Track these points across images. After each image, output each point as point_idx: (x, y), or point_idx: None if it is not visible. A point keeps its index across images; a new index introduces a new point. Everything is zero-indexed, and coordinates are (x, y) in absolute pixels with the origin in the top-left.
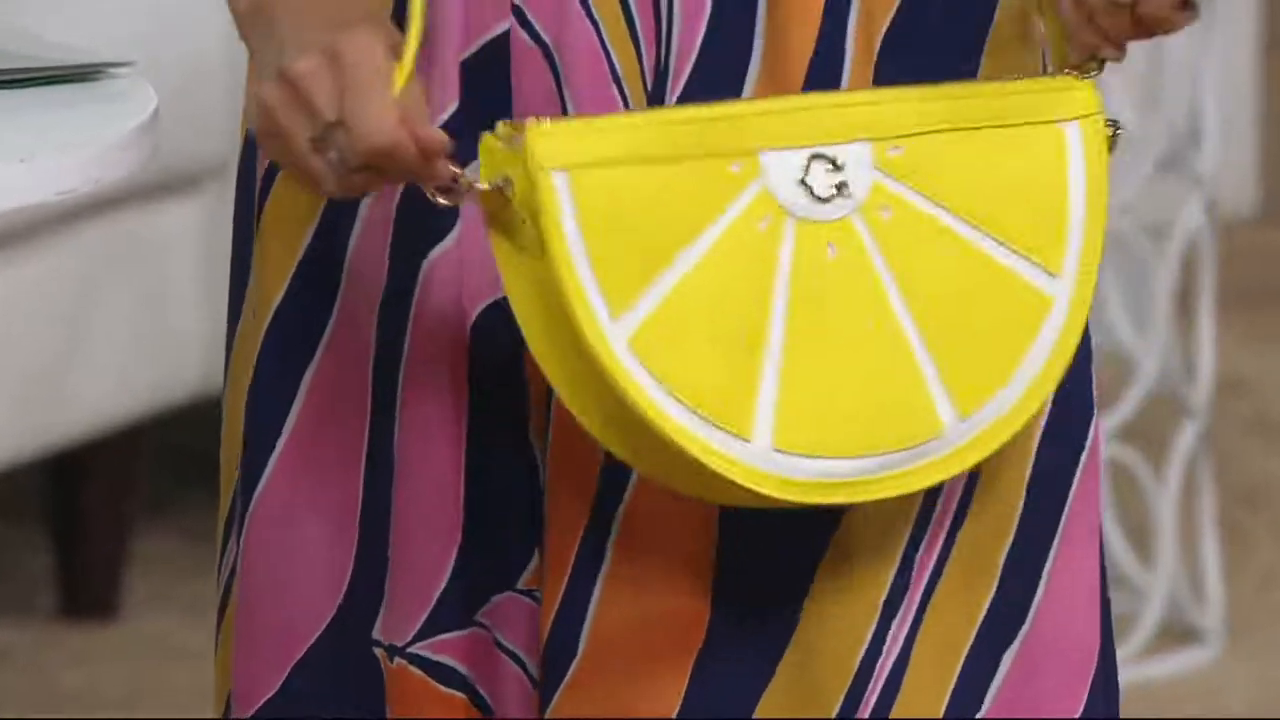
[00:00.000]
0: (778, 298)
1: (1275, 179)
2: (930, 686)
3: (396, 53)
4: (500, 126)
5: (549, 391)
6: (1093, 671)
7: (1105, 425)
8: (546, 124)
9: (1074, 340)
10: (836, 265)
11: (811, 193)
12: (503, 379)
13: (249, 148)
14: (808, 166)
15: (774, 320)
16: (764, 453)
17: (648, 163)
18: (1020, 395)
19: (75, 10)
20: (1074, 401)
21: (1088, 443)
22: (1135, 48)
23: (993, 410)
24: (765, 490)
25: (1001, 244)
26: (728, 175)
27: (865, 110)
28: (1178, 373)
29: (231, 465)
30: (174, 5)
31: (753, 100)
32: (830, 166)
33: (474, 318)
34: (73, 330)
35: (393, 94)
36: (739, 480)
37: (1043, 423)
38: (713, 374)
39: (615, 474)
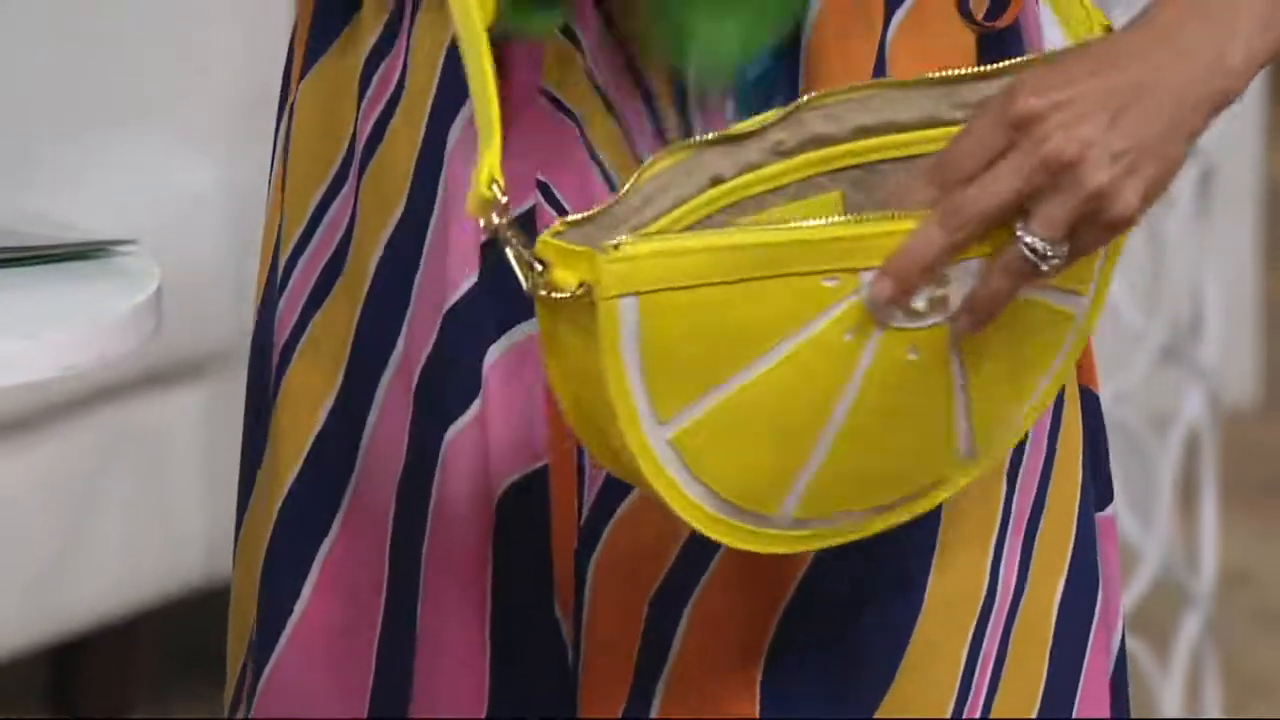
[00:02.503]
0: (845, 399)
1: (1276, 372)
2: None
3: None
4: (559, 224)
5: (577, 567)
6: None
7: None
8: (626, 245)
9: (1085, 341)
10: (914, 364)
11: (910, 308)
12: (528, 555)
13: (263, 321)
14: None
15: (834, 419)
16: (785, 522)
17: (732, 282)
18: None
19: (81, 194)
20: (1084, 571)
21: (1095, 618)
22: (1136, 241)
23: (1004, 433)
24: (774, 550)
25: (1056, 289)
26: (821, 288)
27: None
28: (1181, 563)
29: (238, 650)
30: (179, 191)
31: (856, 221)
32: (937, 286)
33: (499, 495)
34: (75, 520)
35: None
36: (752, 549)
37: (1062, 583)
38: (755, 469)
39: (656, 645)
